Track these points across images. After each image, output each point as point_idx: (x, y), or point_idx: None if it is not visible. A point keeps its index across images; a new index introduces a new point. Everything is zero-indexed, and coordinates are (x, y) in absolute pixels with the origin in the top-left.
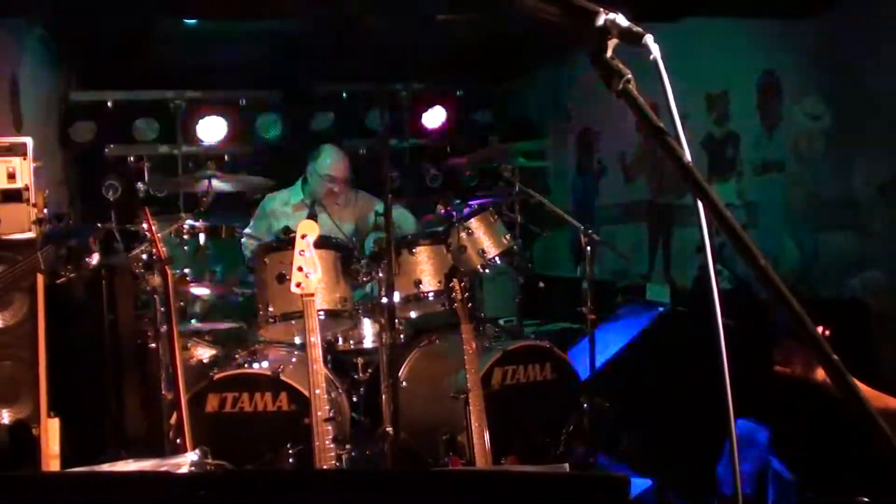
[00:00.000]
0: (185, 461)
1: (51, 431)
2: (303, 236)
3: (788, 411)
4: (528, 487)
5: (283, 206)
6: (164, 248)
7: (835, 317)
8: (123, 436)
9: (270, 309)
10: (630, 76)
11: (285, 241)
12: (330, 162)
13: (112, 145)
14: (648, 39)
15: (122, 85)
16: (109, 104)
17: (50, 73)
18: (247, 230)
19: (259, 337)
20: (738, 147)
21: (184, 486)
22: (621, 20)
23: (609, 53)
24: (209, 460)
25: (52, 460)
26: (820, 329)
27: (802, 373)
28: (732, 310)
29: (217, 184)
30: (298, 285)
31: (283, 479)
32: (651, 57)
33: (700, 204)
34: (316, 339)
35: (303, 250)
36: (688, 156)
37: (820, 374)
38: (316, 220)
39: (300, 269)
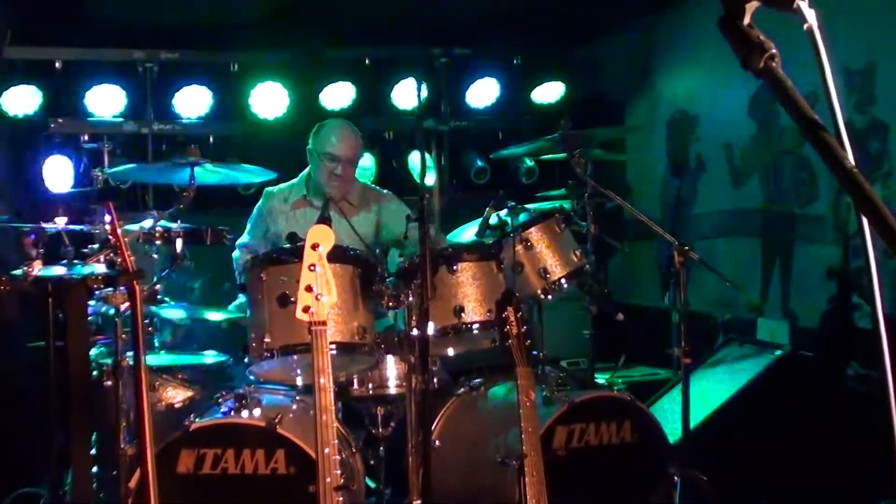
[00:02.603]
0: None
1: None
2: (314, 246)
3: None
4: None
5: (283, 203)
6: (131, 257)
7: None
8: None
9: (267, 340)
10: (775, 51)
11: (290, 251)
12: (332, 138)
13: (61, 119)
14: (802, 3)
15: (76, 41)
16: (58, 65)
17: None
18: (241, 240)
19: (250, 376)
20: (887, 139)
21: None
22: None
23: (747, 20)
24: None
25: None
26: None
27: None
28: (875, 356)
29: (200, 174)
30: (306, 310)
31: None
32: (805, 26)
33: (865, 221)
34: (326, 382)
35: (313, 265)
36: (851, 159)
37: None
38: (330, 225)
39: (309, 288)
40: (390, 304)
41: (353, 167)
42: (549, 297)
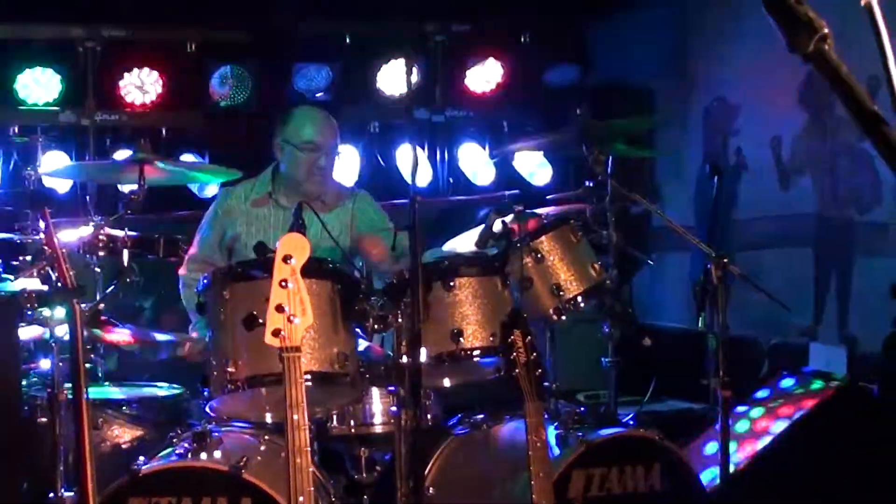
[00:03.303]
0: None
1: None
2: (286, 258)
3: None
4: None
5: (242, 201)
6: (70, 272)
7: None
8: None
9: (230, 369)
10: (826, 31)
11: (258, 264)
12: (309, 125)
13: None
14: None
15: (3, 15)
16: None
17: None
18: (190, 252)
19: (210, 412)
20: None
21: None
22: None
23: None
24: None
25: None
26: None
27: None
28: None
29: (151, 172)
30: (276, 333)
31: None
32: (862, 1)
33: None
34: (300, 418)
35: (285, 280)
36: None
37: None
38: (305, 233)
39: (280, 308)
40: (376, 326)
41: (334, 158)
42: (564, 318)
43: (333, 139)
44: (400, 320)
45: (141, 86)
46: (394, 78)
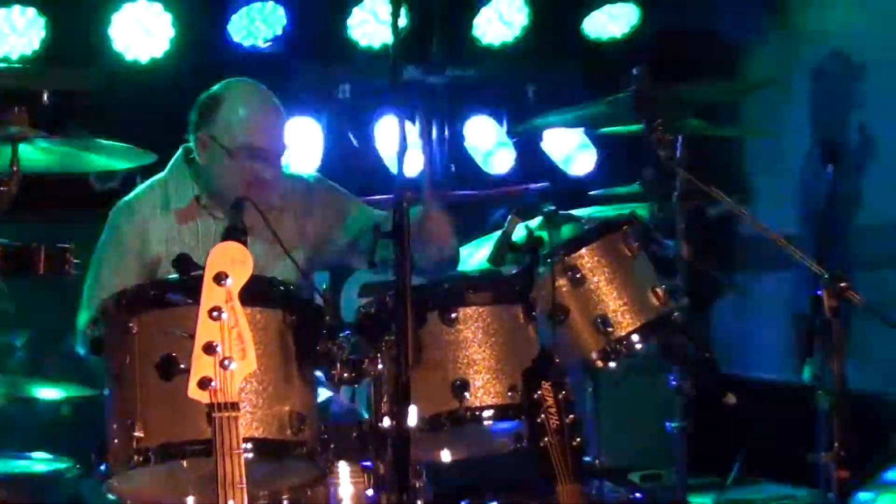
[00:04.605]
0: None
1: None
2: (218, 277)
3: None
4: None
5: (157, 212)
6: None
7: None
8: None
9: (138, 434)
10: None
11: (179, 286)
12: (247, 117)
13: None
14: None
15: None
16: None
17: None
18: (83, 314)
19: (109, 495)
20: None
21: None
22: None
23: None
24: None
25: None
26: None
27: None
28: None
29: (28, 154)
30: (205, 384)
31: None
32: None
33: None
34: (238, 503)
35: (217, 308)
36: None
37: None
38: (244, 241)
39: (209, 349)
40: (345, 374)
41: (281, 164)
42: (613, 364)
43: (282, 138)
44: (380, 367)
45: (15, 31)
46: (373, 23)
